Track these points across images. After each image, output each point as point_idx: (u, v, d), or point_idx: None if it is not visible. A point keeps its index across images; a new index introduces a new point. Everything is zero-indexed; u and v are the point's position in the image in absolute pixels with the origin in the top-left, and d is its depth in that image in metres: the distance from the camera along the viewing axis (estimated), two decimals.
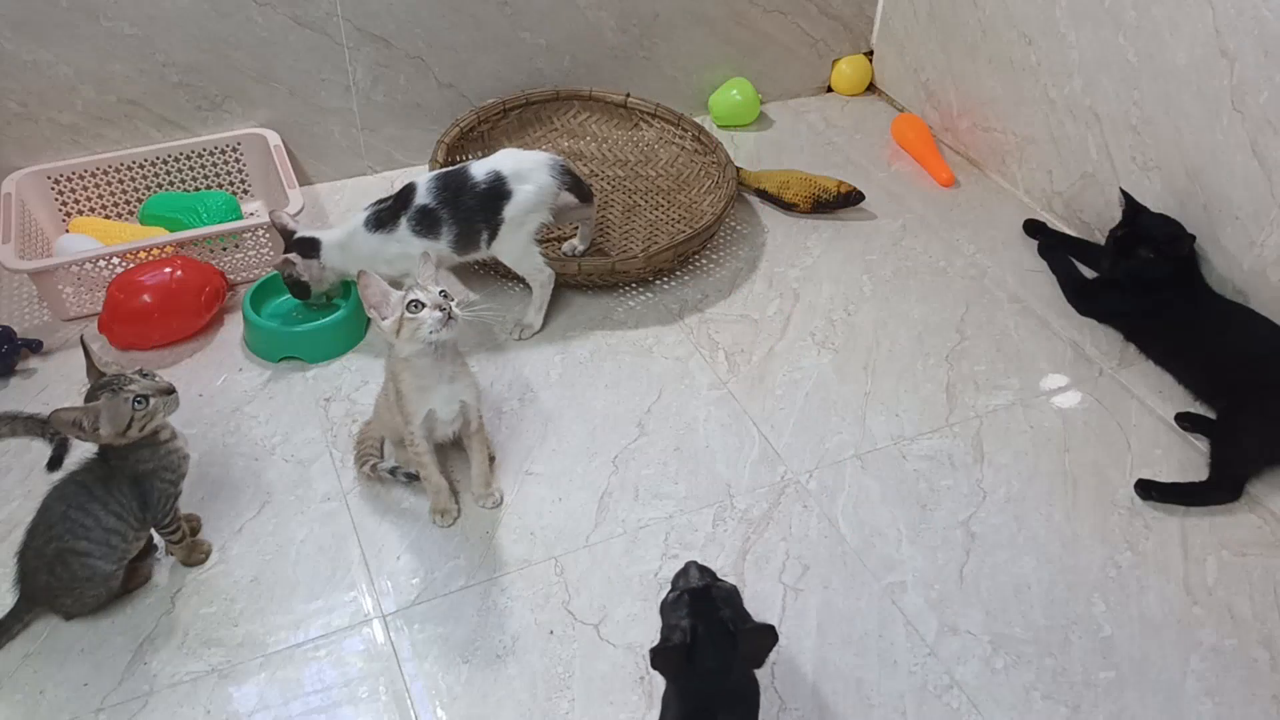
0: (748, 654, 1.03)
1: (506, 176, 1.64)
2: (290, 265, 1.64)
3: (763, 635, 1.02)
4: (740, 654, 1.02)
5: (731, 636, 1.01)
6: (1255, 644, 1.30)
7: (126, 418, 1.18)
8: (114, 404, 1.18)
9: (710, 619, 1.02)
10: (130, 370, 1.23)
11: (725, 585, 1.08)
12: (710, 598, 1.04)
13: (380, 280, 1.28)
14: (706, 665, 1.01)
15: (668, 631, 1.05)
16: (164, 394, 1.22)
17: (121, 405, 1.18)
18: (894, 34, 2.41)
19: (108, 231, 1.86)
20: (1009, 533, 1.44)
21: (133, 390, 1.19)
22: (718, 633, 1.01)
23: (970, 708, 1.22)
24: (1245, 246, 1.67)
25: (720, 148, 2.04)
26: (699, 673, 1.01)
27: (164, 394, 1.22)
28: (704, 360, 1.71)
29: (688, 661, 1.01)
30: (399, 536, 1.40)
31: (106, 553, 1.23)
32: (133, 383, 1.20)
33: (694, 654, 1.00)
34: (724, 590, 1.06)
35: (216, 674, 1.23)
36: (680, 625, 1.02)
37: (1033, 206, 2.12)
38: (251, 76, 1.95)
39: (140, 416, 1.19)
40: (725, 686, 1.03)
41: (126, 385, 1.19)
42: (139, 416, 1.19)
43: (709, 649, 1.01)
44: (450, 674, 1.24)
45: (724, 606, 1.04)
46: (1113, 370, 1.72)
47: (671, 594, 1.08)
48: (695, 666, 1.01)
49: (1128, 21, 1.77)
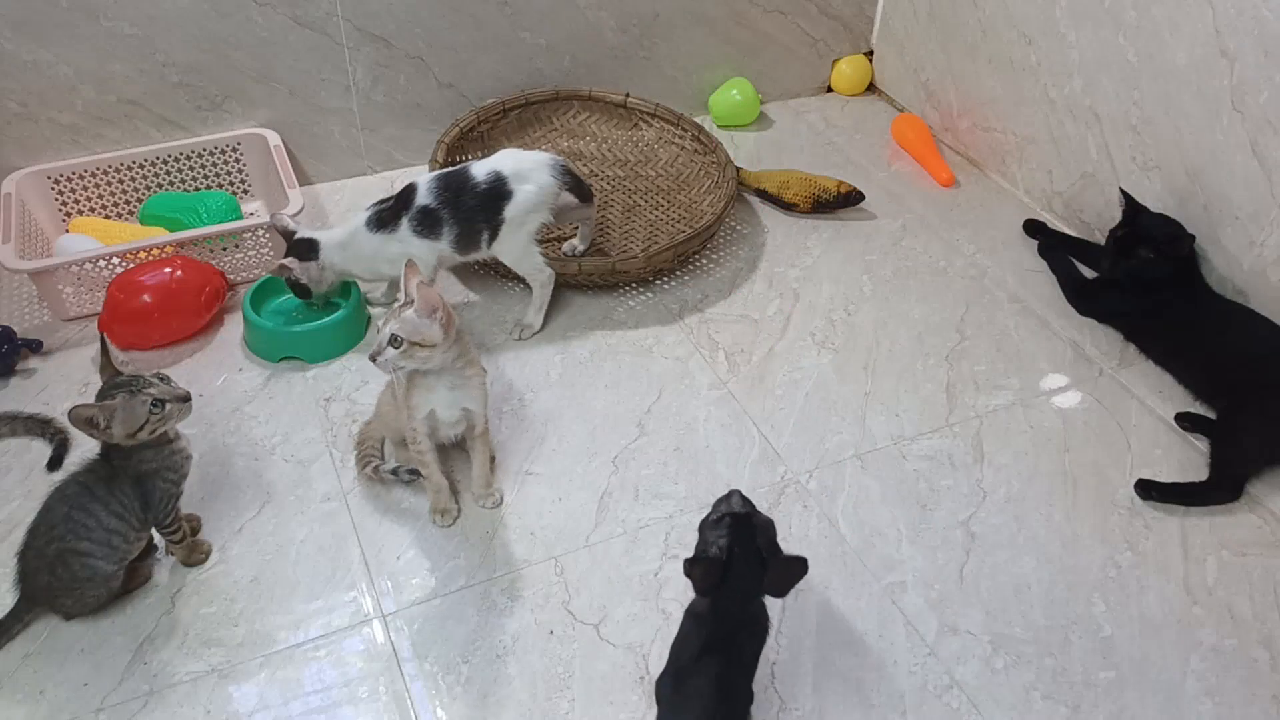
0: (775, 582, 1.09)
1: (507, 176, 1.64)
2: (287, 270, 1.64)
3: (793, 566, 1.08)
4: (768, 581, 1.08)
5: (763, 563, 1.07)
6: (1255, 644, 1.30)
7: (141, 420, 1.18)
8: (130, 405, 1.18)
9: (747, 544, 1.08)
10: (148, 373, 1.23)
11: (764, 517, 1.13)
12: (750, 524, 1.10)
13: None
14: (737, 586, 1.07)
15: (704, 547, 1.10)
16: (180, 401, 1.22)
17: (138, 407, 1.18)
18: (894, 34, 2.41)
19: (108, 231, 1.86)
20: (1009, 533, 1.44)
21: (151, 394, 1.19)
22: (751, 558, 1.07)
23: (970, 708, 1.22)
24: (1245, 246, 1.67)
25: (720, 148, 2.04)
26: (728, 592, 1.07)
27: (180, 401, 1.22)
28: (704, 360, 1.71)
29: (720, 580, 1.07)
30: (399, 536, 1.40)
31: (108, 553, 1.23)
32: (151, 386, 1.20)
33: (727, 574, 1.06)
34: (762, 520, 1.12)
35: (216, 674, 1.23)
36: (719, 544, 1.08)
37: (1033, 206, 2.12)
38: (251, 76, 1.95)
39: (155, 420, 1.19)
40: (749, 611, 1.10)
41: (145, 388, 1.19)
42: (153, 420, 1.19)
43: (742, 571, 1.07)
44: (450, 674, 1.24)
45: (760, 535, 1.09)
46: (1113, 370, 1.72)
47: (713, 515, 1.13)
48: (726, 586, 1.07)
49: (1128, 21, 1.77)
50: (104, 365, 1.25)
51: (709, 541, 1.09)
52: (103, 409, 1.17)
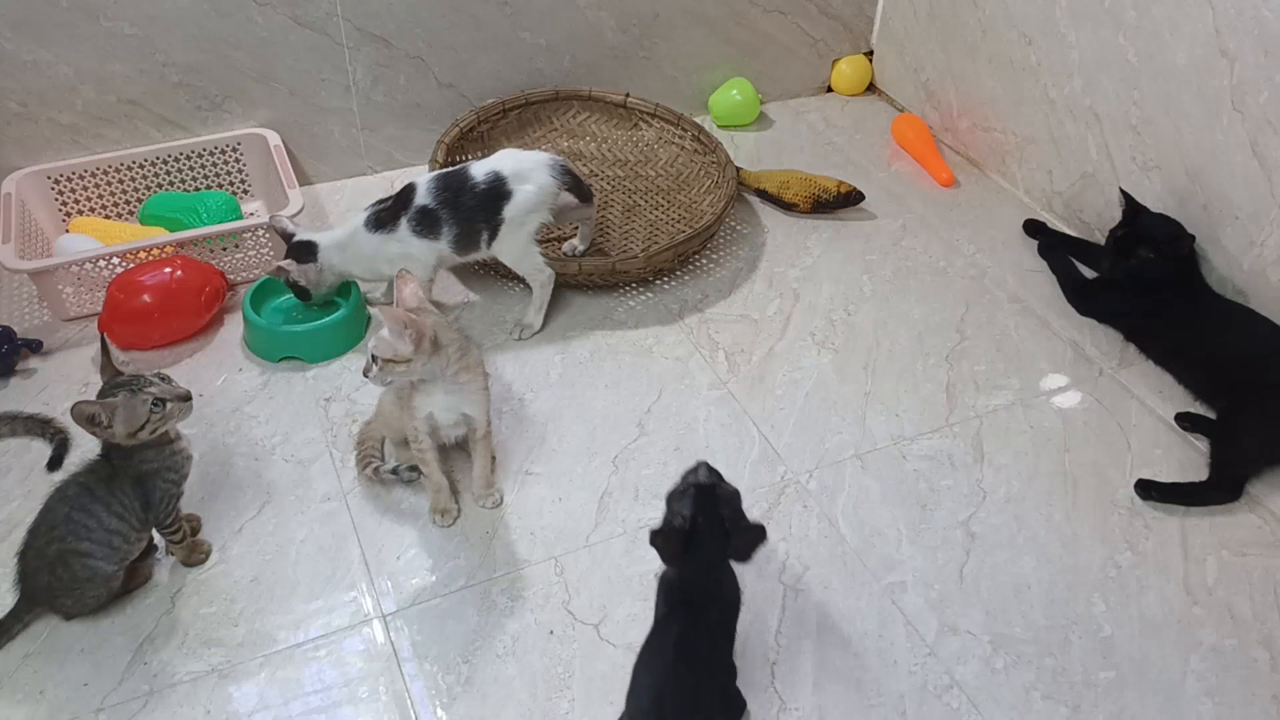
0: (739, 549, 1.13)
1: (506, 177, 1.64)
2: (284, 273, 1.64)
3: (753, 534, 1.13)
4: (731, 548, 1.13)
5: (726, 532, 1.11)
6: (1255, 644, 1.30)
7: (142, 419, 1.19)
8: (132, 403, 1.18)
9: (711, 514, 1.11)
10: (149, 373, 1.23)
11: (729, 487, 1.15)
12: (714, 496, 1.13)
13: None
14: (701, 554, 1.11)
15: (669, 517, 1.13)
16: (181, 400, 1.23)
17: (139, 406, 1.18)
18: (894, 34, 2.41)
19: (108, 231, 1.86)
20: (1009, 533, 1.44)
21: (151, 393, 1.19)
22: (715, 527, 1.11)
23: (970, 708, 1.22)
24: (1245, 246, 1.67)
25: (720, 148, 2.04)
26: (693, 561, 1.12)
27: (181, 400, 1.23)
28: (704, 360, 1.71)
29: (684, 549, 1.10)
30: (399, 536, 1.40)
31: (108, 554, 1.23)
32: (152, 385, 1.20)
33: (691, 543, 1.10)
34: (727, 491, 1.14)
35: (216, 674, 1.23)
36: (683, 514, 1.11)
37: (1033, 206, 2.12)
38: (251, 76, 1.95)
39: (156, 419, 1.19)
40: (714, 579, 1.14)
41: (146, 387, 1.20)
42: (154, 419, 1.19)
43: (706, 540, 1.10)
44: (450, 674, 1.24)
45: (724, 506, 1.13)
46: (1113, 370, 1.72)
47: (679, 486, 1.16)
48: (691, 555, 1.11)
49: (1128, 21, 1.77)
50: (104, 365, 1.25)
51: (674, 512, 1.13)
52: (104, 406, 1.17)
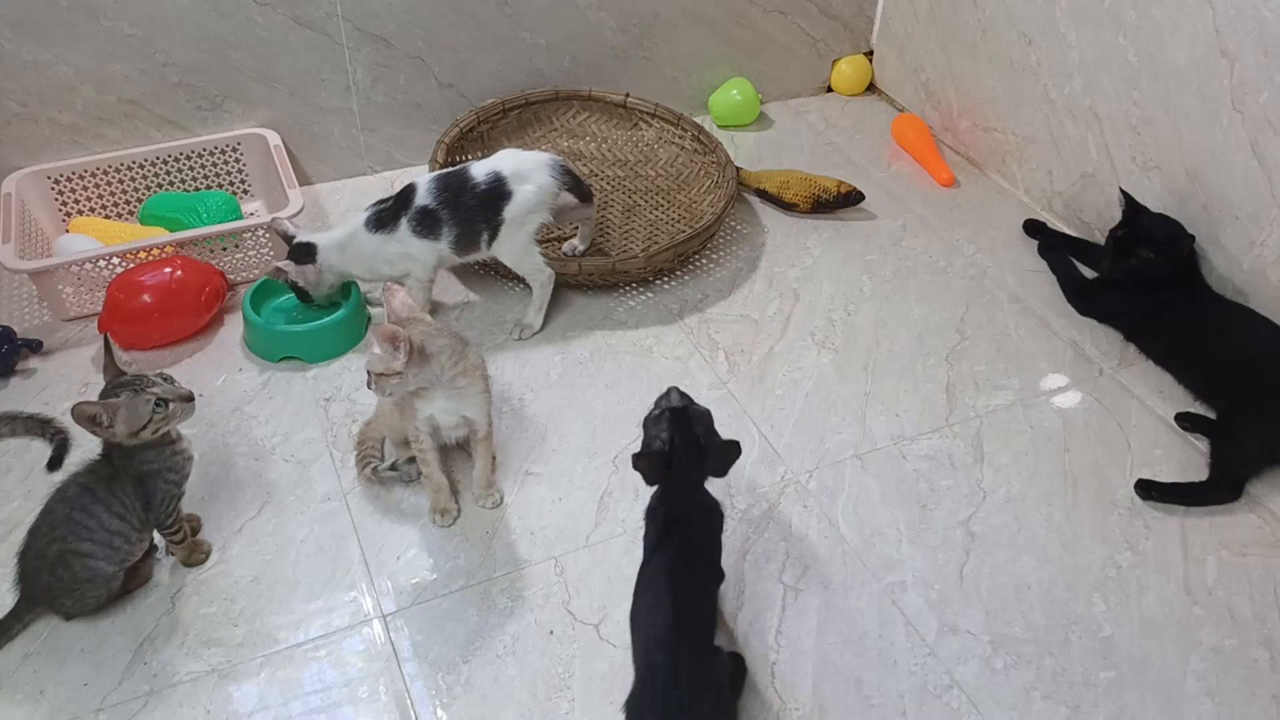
0: (715, 466, 1.19)
1: (506, 177, 1.64)
2: (281, 274, 1.64)
3: (729, 449, 1.18)
4: (709, 464, 1.18)
5: (702, 450, 1.16)
6: (1255, 644, 1.30)
7: (144, 419, 1.19)
8: (134, 404, 1.18)
9: (687, 434, 1.16)
10: (152, 373, 1.23)
11: (700, 408, 1.21)
12: (688, 416, 1.18)
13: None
14: (681, 473, 1.16)
15: (649, 441, 1.18)
16: (184, 401, 1.23)
17: (141, 406, 1.18)
18: (894, 34, 2.41)
19: (108, 231, 1.86)
20: (1009, 533, 1.44)
21: (154, 393, 1.19)
22: (692, 446, 1.16)
23: (970, 708, 1.22)
24: (1245, 246, 1.67)
25: (720, 148, 2.04)
26: (675, 480, 1.17)
27: (184, 401, 1.23)
28: (704, 360, 1.71)
29: (665, 468, 1.16)
30: (399, 536, 1.40)
31: (109, 554, 1.23)
32: (155, 385, 1.21)
33: (671, 462, 1.15)
34: (699, 411, 1.20)
35: (216, 674, 1.23)
36: (660, 437, 1.16)
37: (1033, 206, 2.12)
38: (251, 76, 1.95)
39: (158, 419, 1.20)
40: (695, 497, 1.19)
41: (149, 388, 1.20)
42: (156, 419, 1.19)
43: (684, 459, 1.16)
44: (450, 674, 1.24)
45: (698, 425, 1.17)
46: (1113, 370, 1.72)
47: (654, 411, 1.20)
48: (672, 474, 1.16)
49: (1128, 21, 1.77)
50: (107, 365, 1.25)
51: (652, 436, 1.17)
52: (106, 407, 1.17)
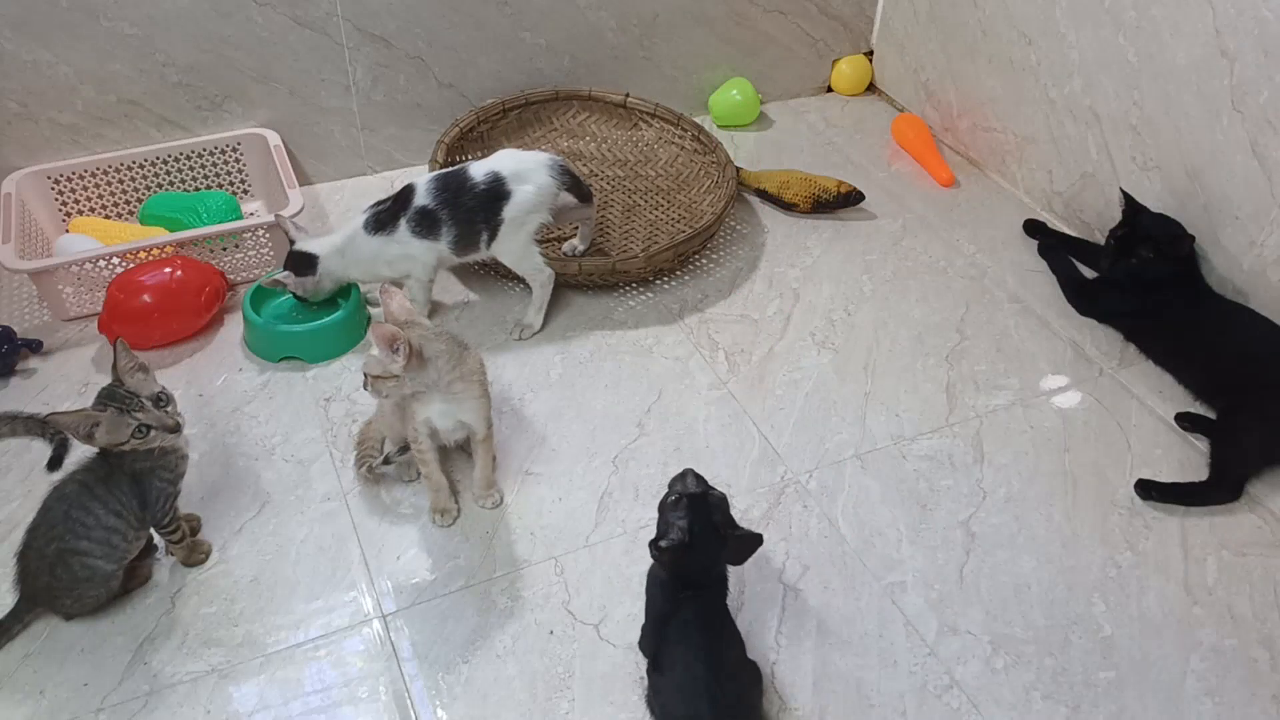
0: (733, 556, 1.18)
1: (506, 177, 1.63)
2: (281, 285, 1.65)
3: (749, 541, 1.16)
4: (726, 554, 1.17)
5: (721, 539, 1.15)
6: (1255, 644, 1.30)
7: (123, 439, 1.19)
8: (117, 422, 1.18)
9: (706, 522, 1.15)
10: (153, 390, 1.22)
11: (717, 493, 1.19)
12: (706, 503, 1.16)
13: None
14: (698, 561, 1.15)
15: (664, 529, 1.16)
16: (168, 432, 1.22)
17: (123, 428, 1.19)
18: (894, 34, 2.41)
19: (108, 231, 1.86)
20: (1009, 533, 1.44)
21: (139, 419, 1.19)
22: (711, 535, 1.15)
23: (970, 708, 1.22)
24: (1245, 246, 1.67)
25: (720, 148, 2.04)
26: (691, 566, 1.16)
27: (168, 432, 1.22)
28: (704, 360, 1.71)
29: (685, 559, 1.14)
30: (399, 536, 1.40)
31: (107, 552, 1.23)
32: (142, 410, 1.20)
33: (689, 551, 1.14)
34: (716, 498, 1.18)
35: (216, 674, 1.23)
36: (679, 525, 1.14)
37: (1033, 206, 2.12)
38: (251, 76, 1.95)
39: (136, 442, 1.20)
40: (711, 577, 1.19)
41: (136, 410, 1.19)
42: (135, 442, 1.20)
43: (703, 547, 1.14)
44: (450, 674, 1.24)
45: (716, 511, 1.16)
46: (1113, 370, 1.72)
47: (670, 496, 1.19)
48: (688, 562, 1.15)
49: (1128, 21, 1.77)
50: (114, 365, 1.24)
51: (670, 523, 1.15)
52: (86, 419, 1.17)
